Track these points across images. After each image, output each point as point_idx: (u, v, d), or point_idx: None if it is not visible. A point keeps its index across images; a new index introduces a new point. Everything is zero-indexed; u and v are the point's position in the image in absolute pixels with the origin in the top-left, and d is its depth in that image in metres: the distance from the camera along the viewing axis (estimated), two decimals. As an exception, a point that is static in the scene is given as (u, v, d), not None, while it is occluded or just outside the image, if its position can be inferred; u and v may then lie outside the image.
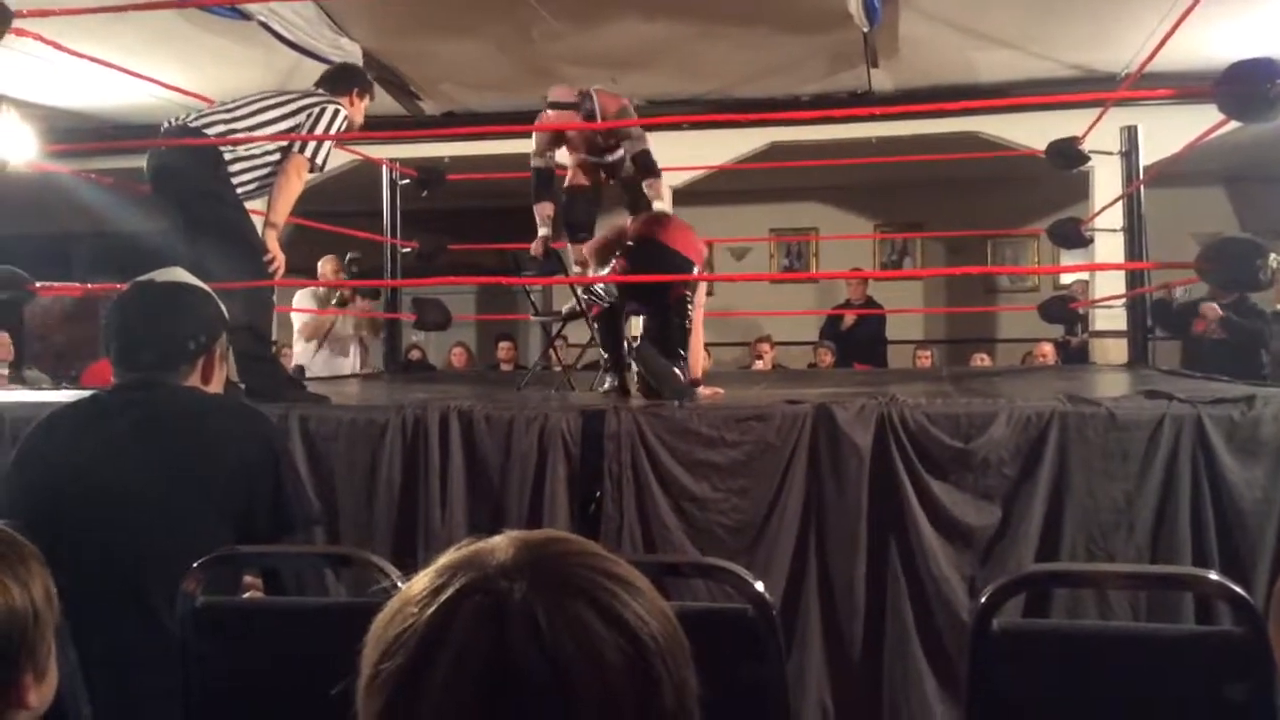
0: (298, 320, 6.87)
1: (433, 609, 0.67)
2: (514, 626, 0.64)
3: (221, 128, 3.74)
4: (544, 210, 4.55)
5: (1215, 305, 5.96)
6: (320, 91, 4.02)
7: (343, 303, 6.76)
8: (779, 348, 9.02)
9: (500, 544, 0.71)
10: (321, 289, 6.82)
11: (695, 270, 3.84)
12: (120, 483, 1.86)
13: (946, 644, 2.85)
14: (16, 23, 3.94)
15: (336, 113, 3.86)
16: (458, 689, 0.63)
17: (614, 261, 3.97)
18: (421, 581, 0.70)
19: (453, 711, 0.63)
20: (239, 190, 3.75)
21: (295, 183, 3.82)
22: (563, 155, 4.74)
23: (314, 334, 6.82)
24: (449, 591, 0.67)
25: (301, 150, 3.79)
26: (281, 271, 3.82)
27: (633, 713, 0.64)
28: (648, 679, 0.65)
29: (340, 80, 4.15)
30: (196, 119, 3.75)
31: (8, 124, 5.20)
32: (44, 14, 4.13)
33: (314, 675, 1.52)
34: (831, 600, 2.95)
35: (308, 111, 3.83)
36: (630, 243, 3.97)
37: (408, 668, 0.65)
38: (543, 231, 4.53)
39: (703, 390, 3.73)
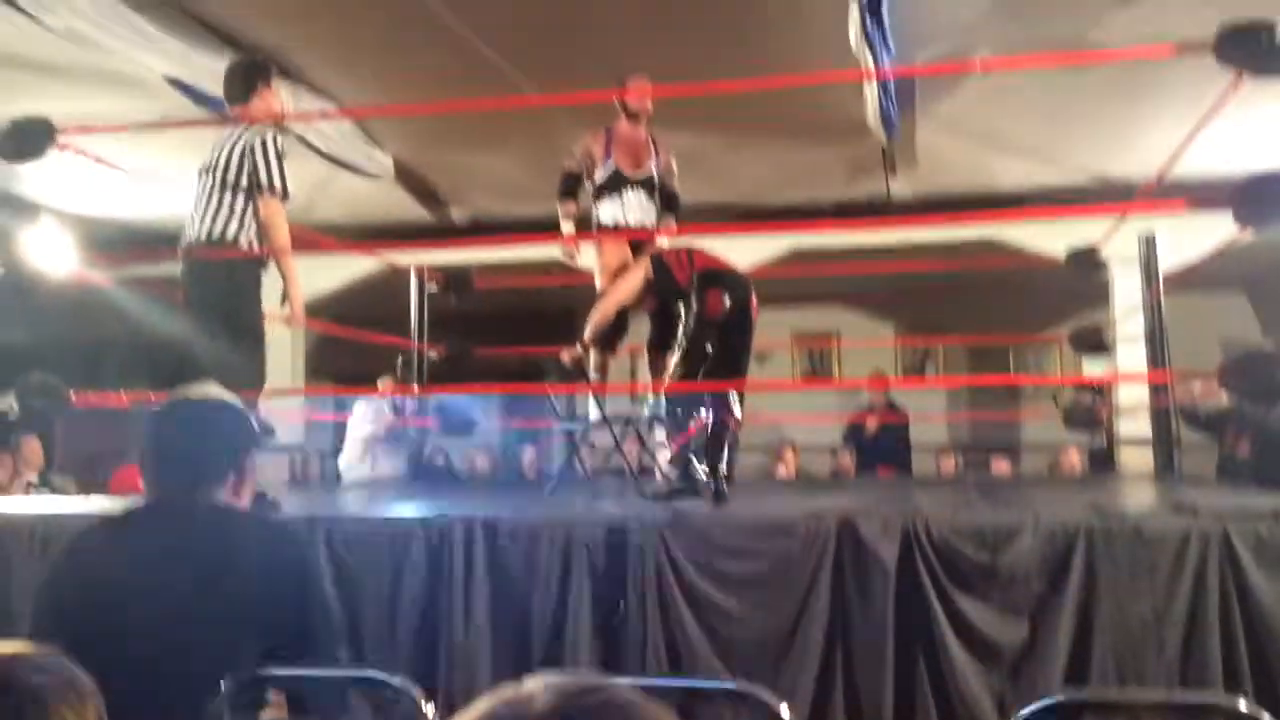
0: (345, 459, 6.88)
1: None
2: None
3: (234, 224, 3.85)
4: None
5: (1209, 382, 5.77)
6: (238, 130, 4.02)
7: (398, 410, 6.78)
8: (803, 454, 8.98)
9: (536, 692, 0.72)
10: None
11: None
12: (152, 603, 1.87)
13: (976, 764, 2.79)
14: (60, 138, 4.10)
15: (274, 137, 3.89)
16: None
17: (705, 299, 4.13)
18: None
19: None
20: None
21: (282, 229, 3.90)
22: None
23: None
24: None
25: (272, 194, 3.84)
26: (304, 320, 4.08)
27: None
28: None
29: (243, 85, 4.08)
30: (213, 228, 3.86)
31: (48, 234, 5.34)
32: (86, 130, 4.29)
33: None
34: (859, 718, 2.91)
35: (251, 153, 3.85)
36: (697, 275, 4.22)
37: None
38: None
39: None
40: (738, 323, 4.19)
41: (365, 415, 6.83)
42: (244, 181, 3.87)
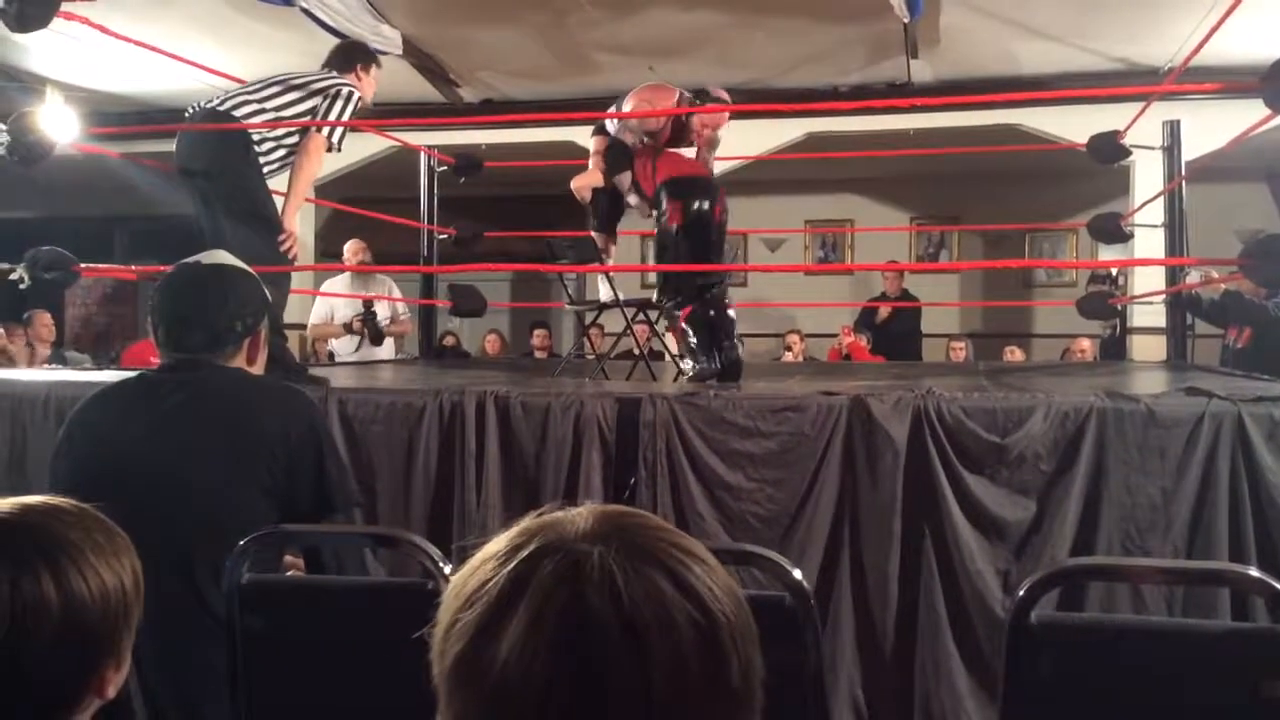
0: (315, 317, 6.58)
1: (514, 563, 0.70)
2: (592, 583, 0.67)
3: (251, 108, 3.84)
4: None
5: (1212, 272, 5.69)
6: (331, 73, 4.14)
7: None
8: (812, 340, 8.99)
9: (580, 513, 0.75)
10: (348, 275, 6.69)
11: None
12: (168, 461, 1.89)
13: (979, 637, 2.84)
14: (65, 6, 4.01)
15: (351, 94, 4.00)
16: (535, 638, 0.66)
17: (666, 207, 4.11)
18: (501, 542, 0.74)
19: (528, 660, 0.65)
20: (265, 169, 3.88)
21: (315, 162, 3.95)
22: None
23: (321, 336, 6.59)
24: (529, 548, 0.71)
25: (320, 130, 3.91)
26: (296, 250, 3.96)
27: (701, 684, 0.66)
28: (717, 653, 0.68)
29: (345, 58, 4.28)
30: (224, 102, 3.83)
31: (53, 107, 5.26)
32: None
33: (356, 652, 1.55)
34: (864, 592, 2.95)
35: (324, 94, 3.95)
36: (660, 185, 4.20)
37: (488, 616, 0.68)
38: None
39: None
40: (702, 226, 4.15)
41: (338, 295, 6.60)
42: (309, 104, 3.93)
